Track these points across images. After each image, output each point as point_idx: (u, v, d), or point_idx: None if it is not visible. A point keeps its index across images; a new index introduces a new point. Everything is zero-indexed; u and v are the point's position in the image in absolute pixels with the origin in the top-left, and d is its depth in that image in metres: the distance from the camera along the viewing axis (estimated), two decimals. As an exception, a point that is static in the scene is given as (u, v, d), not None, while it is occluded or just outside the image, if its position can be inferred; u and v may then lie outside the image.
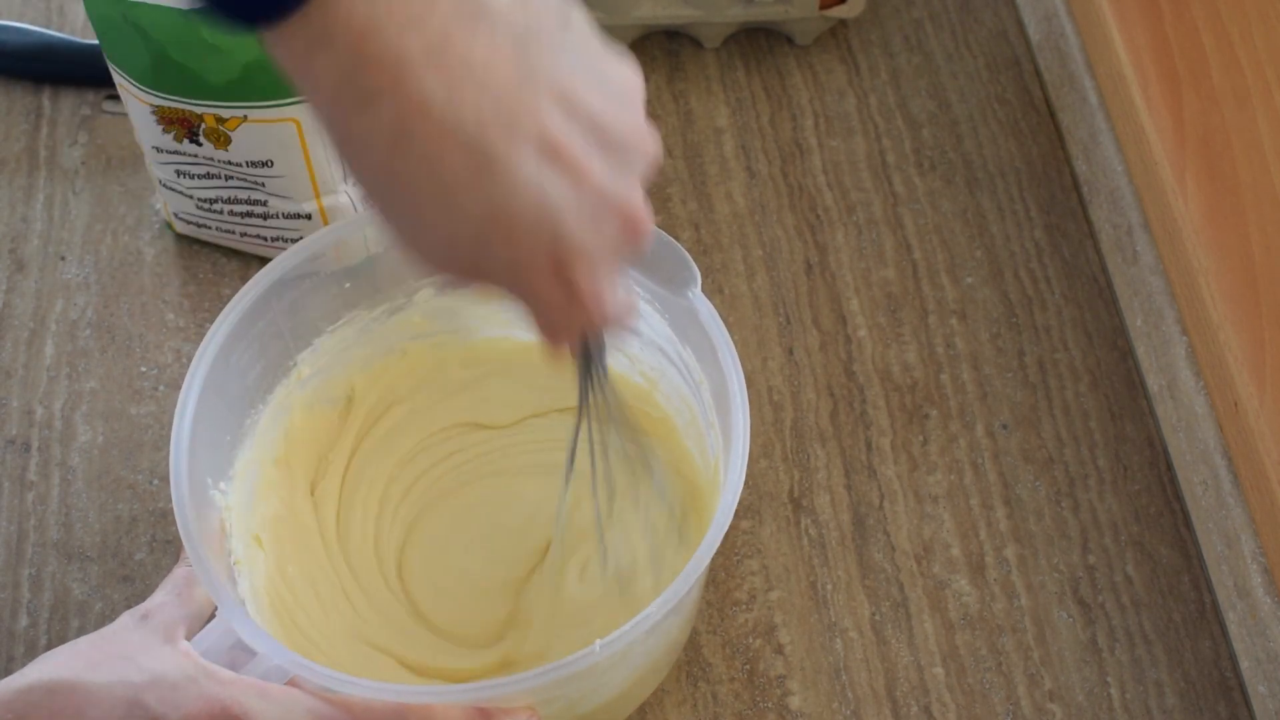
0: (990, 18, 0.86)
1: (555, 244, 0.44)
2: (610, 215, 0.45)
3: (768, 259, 0.77)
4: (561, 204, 0.44)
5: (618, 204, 0.45)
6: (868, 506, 0.70)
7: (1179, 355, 0.69)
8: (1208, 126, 0.70)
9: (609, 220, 0.45)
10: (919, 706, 0.65)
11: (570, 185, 0.44)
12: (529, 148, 0.43)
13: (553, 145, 0.43)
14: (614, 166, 0.45)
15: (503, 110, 0.42)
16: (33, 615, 0.67)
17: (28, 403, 0.73)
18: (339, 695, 0.54)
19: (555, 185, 0.44)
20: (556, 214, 0.44)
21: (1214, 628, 0.67)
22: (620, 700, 0.61)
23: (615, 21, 0.82)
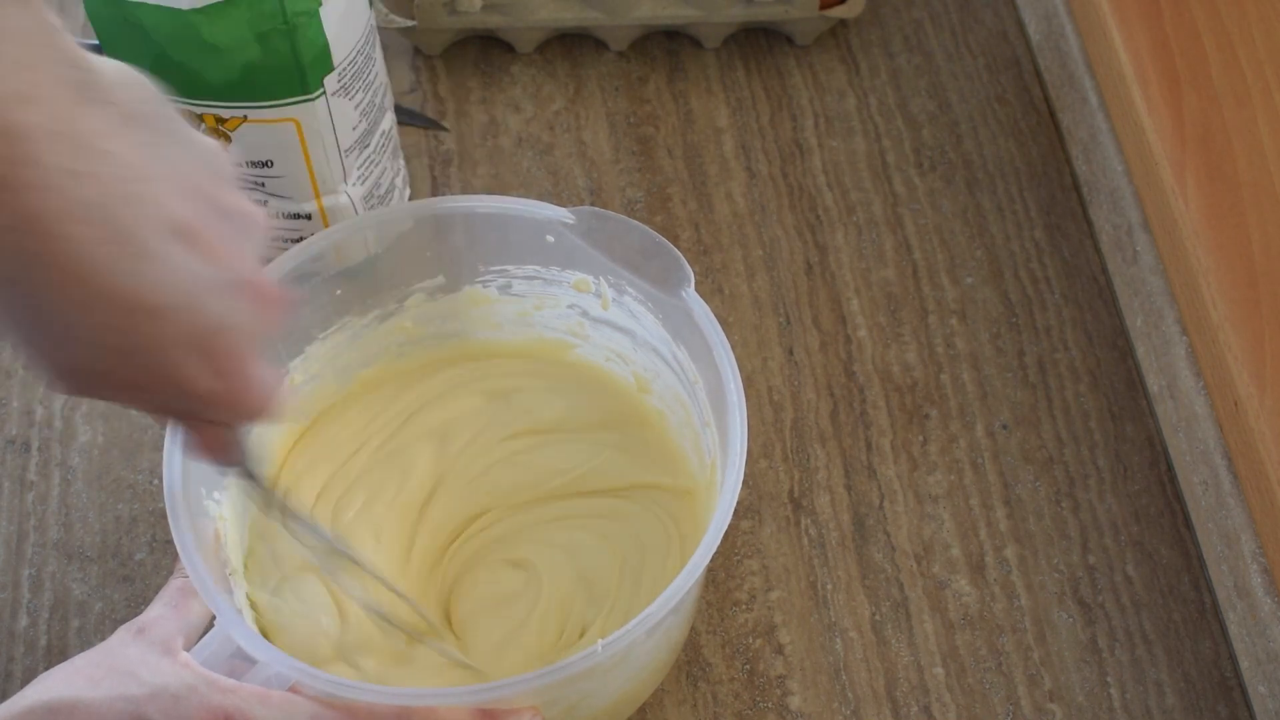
0: (990, 18, 0.86)
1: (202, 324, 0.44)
2: (245, 294, 0.45)
3: (768, 259, 0.77)
4: (202, 283, 0.43)
5: (249, 283, 0.45)
6: (868, 506, 0.70)
7: (1179, 355, 0.69)
8: (1208, 126, 0.70)
9: (245, 299, 0.45)
10: (919, 706, 0.65)
11: (207, 265, 0.43)
12: (161, 229, 0.42)
13: (182, 226, 0.42)
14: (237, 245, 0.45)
15: (130, 191, 0.41)
16: (33, 615, 0.67)
17: (28, 403, 0.73)
18: (341, 700, 0.54)
19: (192, 265, 0.43)
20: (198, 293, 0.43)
21: (1214, 628, 0.67)
22: (621, 701, 0.61)
23: (615, 21, 0.82)
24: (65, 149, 0.40)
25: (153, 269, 0.42)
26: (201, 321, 0.44)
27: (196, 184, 0.44)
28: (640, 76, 0.84)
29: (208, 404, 0.46)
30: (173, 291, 0.42)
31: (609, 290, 0.65)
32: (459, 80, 0.84)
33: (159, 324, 0.43)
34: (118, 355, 0.43)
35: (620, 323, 0.66)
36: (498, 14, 0.82)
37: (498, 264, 0.67)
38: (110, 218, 0.41)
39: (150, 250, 0.42)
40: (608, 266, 0.63)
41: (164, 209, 0.42)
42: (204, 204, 0.44)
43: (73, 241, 0.40)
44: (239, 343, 0.45)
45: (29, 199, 0.39)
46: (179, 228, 0.42)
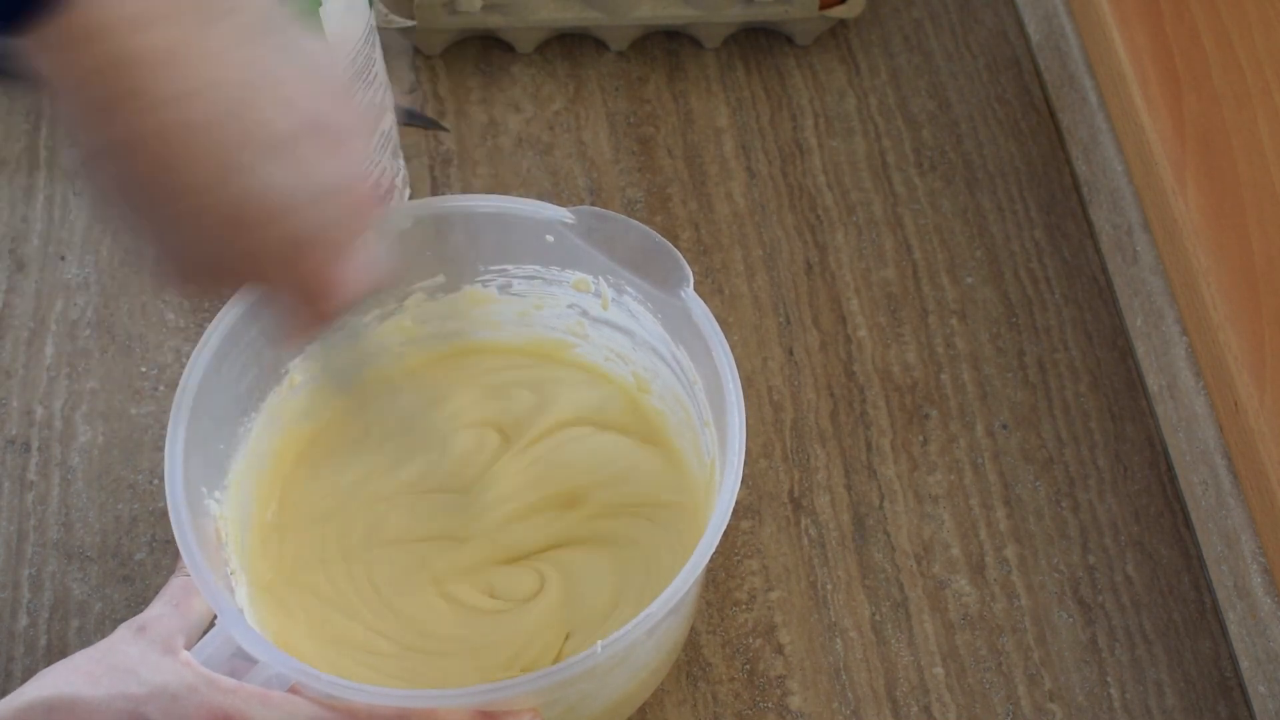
0: (990, 18, 0.86)
1: (292, 235, 0.47)
2: (339, 200, 0.48)
3: (768, 259, 0.77)
4: (293, 196, 0.46)
5: (345, 189, 0.48)
6: (868, 506, 0.70)
7: (1179, 355, 0.69)
8: (1208, 126, 0.70)
9: (338, 205, 0.48)
10: (919, 706, 0.65)
11: (299, 178, 0.46)
12: (261, 146, 0.45)
13: (278, 142, 0.45)
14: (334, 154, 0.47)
15: (235, 109, 0.44)
16: (33, 615, 0.67)
17: (28, 403, 0.73)
18: (341, 701, 0.54)
19: (284, 179, 0.46)
20: (289, 206, 0.46)
21: (1214, 628, 0.67)
22: (622, 701, 0.61)
23: (615, 21, 0.82)
24: (176, 73, 0.43)
25: (247, 185, 0.45)
26: (292, 233, 0.47)
27: (301, 96, 0.46)
28: (640, 76, 0.84)
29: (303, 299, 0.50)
30: (266, 206, 0.46)
31: (609, 290, 0.65)
32: (459, 80, 0.84)
33: (256, 235, 0.46)
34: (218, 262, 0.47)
35: (620, 322, 0.66)
36: (498, 14, 0.82)
37: (498, 263, 0.67)
38: (214, 136, 0.44)
39: (250, 165, 0.45)
40: (607, 266, 0.63)
41: (266, 125, 0.45)
42: (306, 115, 0.46)
43: (178, 160, 0.44)
44: (333, 246, 0.48)
45: (140, 121, 0.43)
46: (280, 141, 0.45)
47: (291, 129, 0.45)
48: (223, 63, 0.44)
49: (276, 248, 0.47)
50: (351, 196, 0.48)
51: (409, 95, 0.83)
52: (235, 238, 0.46)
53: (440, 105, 0.83)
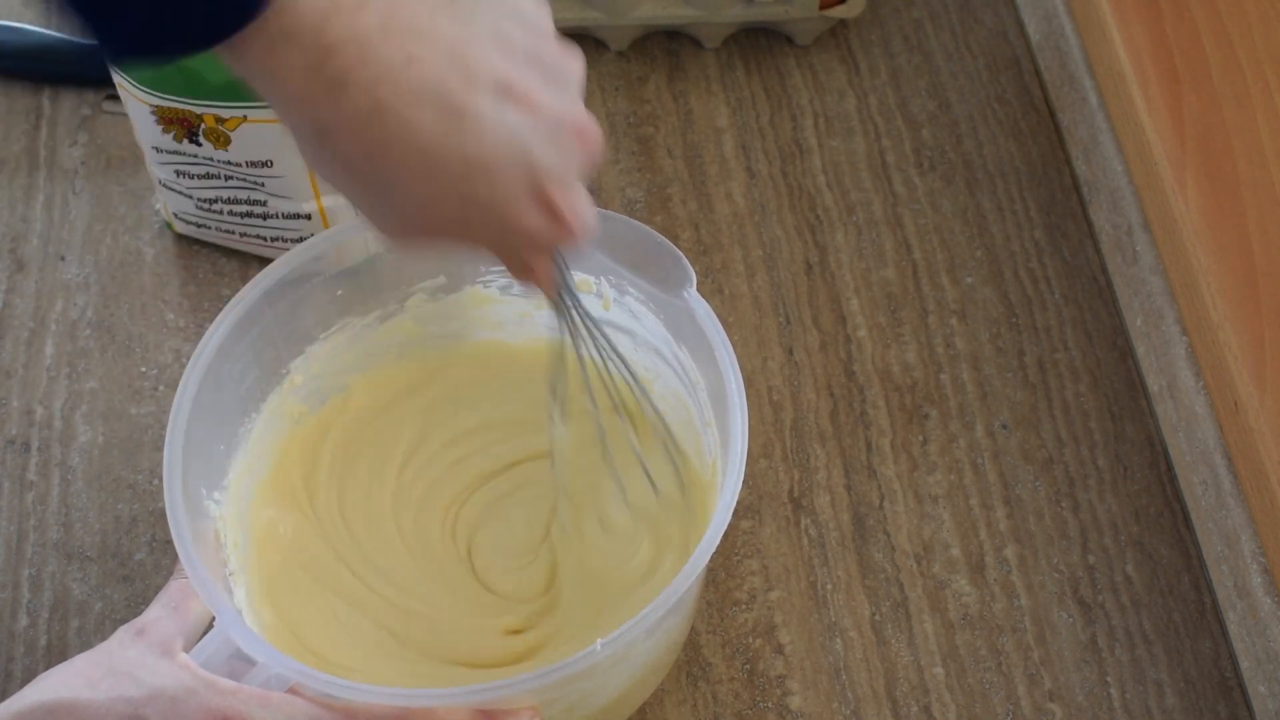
0: (990, 18, 0.86)
1: (531, 172, 0.48)
2: (567, 133, 0.49)
3: (768, 259, 0.77)
4: (527, 134, 0.47)
5: (570, 122, 0.49)
6: (868, 506, 0.70)
7: (1179, 355, 0.69)
8: (1208, 126, 0.70)
9: (567, 139, 0.49)
10: (919, 706, 0.65)
11: (529, 116, 0.47)
12: (486, 92, 0.46)
13: (505, 84, 0.47)
14: (556, 90, 0.48)
15: (455, 63, 0.46)
16: (33, 615, 0.67)
17: (28, 403, 0.73)
18: (340, 701, 0.54)
19: (517, 119, 0.47)
20: (525, 144, 0.47)
21: (1214, 628, 0.67)
22: (621, 701, 0.61)
23: (615, 21, 0.82)
24: (395, 42, 0.45)
25: (482, 131, 0.46)
26: (530, 170, 0.48)
27: (512, 41, 0.47)
28: (640, 76, 0.84)
29: (538, 238, 0.50)
30: (503, 148, 0.47)
31: (610, 290, 0.65)
32: (459, 80, 0.84)
33: (494, 178, 0.47)
34: (458, 210, 0.48)
35: (622, 323, 0.66)
36: (498, 14, 0.82)
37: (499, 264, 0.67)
38: (440, 93, 0.45)
39: (478, 114, 0.46)
40: (609, 267, 0.63)
41: (485, 72, 0.46)
42: (520, 58, 0.47)
43: (411, 122, 0.45)
44: (564, 181, 0.49)
45: (370, 93, 0.45)
46: (500, 86, 0.46)
47: (510, 68, 0.47)
48: (435, 26, 0.45)
49: (518, 187, 0.48)
50: (575, 129, 0.49)
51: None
52: (474, 185, 0.47)
53: (440, 105, 0.83)
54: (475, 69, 0.46)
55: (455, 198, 0.47)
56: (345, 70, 0.44)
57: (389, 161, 0.46)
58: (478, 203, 0.48)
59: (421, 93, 0.45)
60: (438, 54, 0.45)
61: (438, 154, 0.46)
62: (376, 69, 0.44)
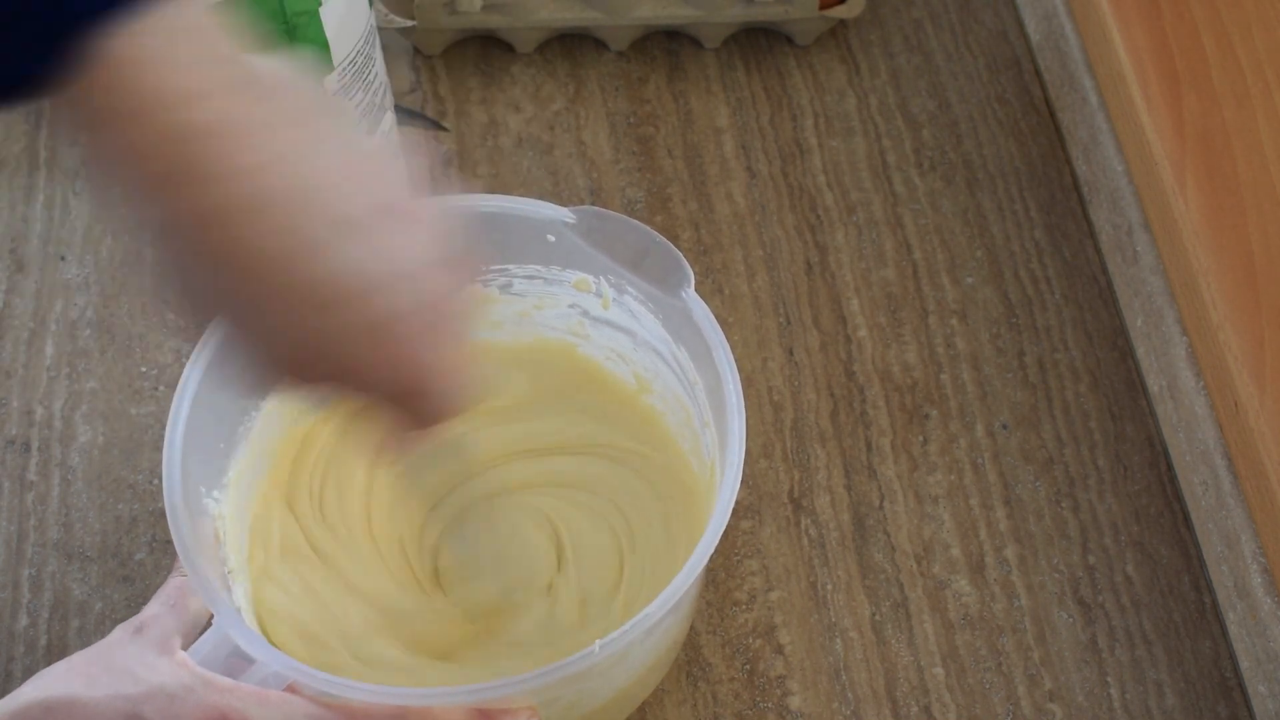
0: (990, 18, 0.86)
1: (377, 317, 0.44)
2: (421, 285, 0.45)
3: (768, 259, 0.77)
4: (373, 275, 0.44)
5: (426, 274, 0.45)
6: (868, 506, 0.70)
7: (1179, 355, 0.69)
8: (1208, 126, 0.70)
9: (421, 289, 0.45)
10: (919, 706, 0.65)
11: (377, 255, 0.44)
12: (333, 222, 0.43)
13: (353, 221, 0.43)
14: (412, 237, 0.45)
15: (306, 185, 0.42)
16: (33, 615, 0.67)
17: (28, 403, 0.73)
18: (338, 699, 0.54)
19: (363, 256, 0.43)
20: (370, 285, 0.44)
21: (1214, 628, 0.67)
22: (620, 700, 0.61)
23: (615, 21, 0.82)
24: (242, 145, 0.41)
25: (326, 260, 0.43)
26: (380, 311, 0.44)
27: (360, 179, 0.44)
28: (640, 76, 0.84)
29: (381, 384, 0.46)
30: (350, 282, 0.43)
31: (609, 290, 0.65)
32: (459, 80, 0.84)
33: (334, 315, 0.44)
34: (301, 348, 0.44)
35: (621, 322, 0.66)
36: (498, 14, 0.82)
37: (498, 263, 0.67)
38: (285, 211, 0.42)
39: (323, 242, 0.42)
40: (608, 266, 0.63)
41: (334, 203, 0.43)
42: (377, 195, 0.44)
43: (249, 235, 0.41)
44: (421, 333, 0.46)
45: (208, 194, 0.41)
46: (349, 221, 0.43)
47: (364, 207, 0.44)
48: (287, 138, 0.42)
49: (360, 332, 0.44)
50: (432, 282, 0.46)
51: (409, 95, 0.83)
52: (317, 319, 0.43)
53: (440, 105, 0.83)
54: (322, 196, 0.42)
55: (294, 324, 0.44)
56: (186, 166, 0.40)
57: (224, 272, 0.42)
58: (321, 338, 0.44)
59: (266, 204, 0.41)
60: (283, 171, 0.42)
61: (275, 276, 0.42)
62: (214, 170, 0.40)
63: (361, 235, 0.43)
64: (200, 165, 0.40)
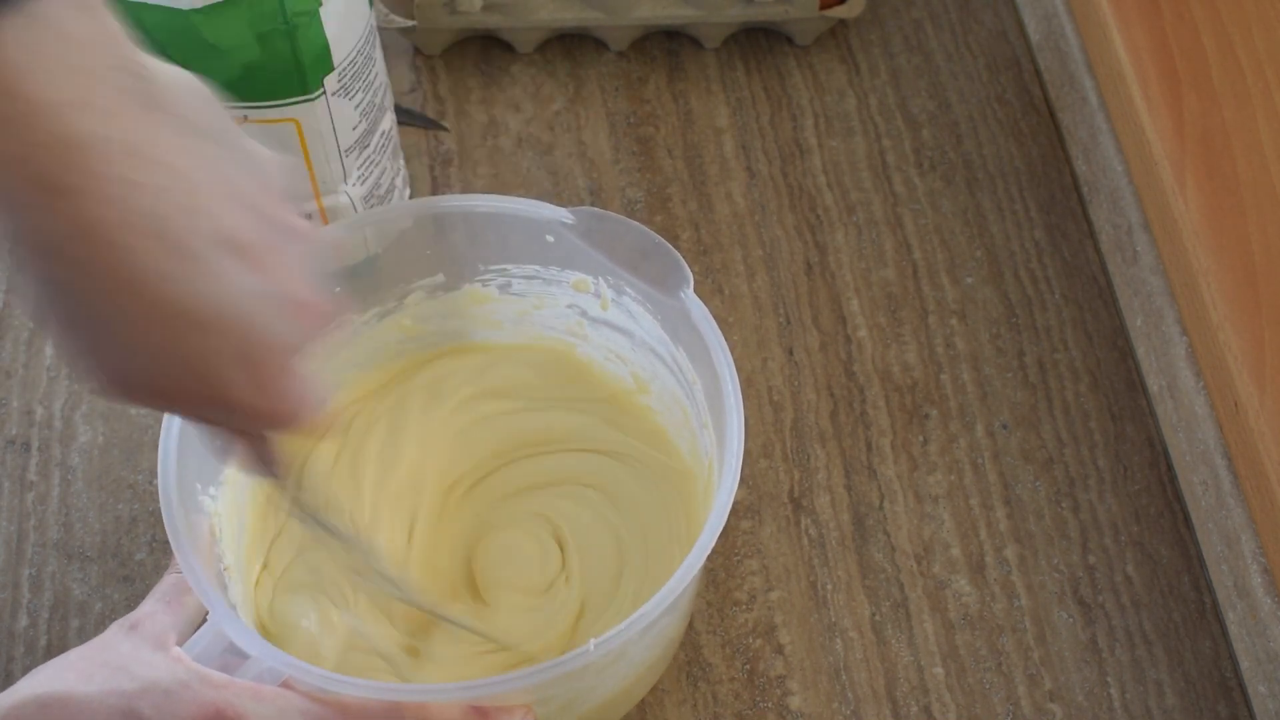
0: (990, 18, 0.86)
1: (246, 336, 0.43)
2: (293, 306, 0.45)
3: (768, 259, 0.77)
4: (250, 296, 0.43)
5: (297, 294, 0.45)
6: (868, 506, 0.70)
7: (1179, 355, 0.69)
8: (1208, 126, 0.70)
9: (292, 311, 0.45)
10: (919, 706, 0.65)
11: (257, 279, 0.43)
12: (213, 239, 0.42)
13: (234, 238, 0.42)
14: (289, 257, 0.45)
15: (184, 203, 0.41)
16: (33, 615, 0.67)
17: (28, 403, 0.73)
18: (333, 696, 0.54)
19: (242, 277, 0.43)
20: (246, 306, 0.43)
21: (1214, 628, 0.67)
22: (617, 699, 0.61)
23: (615, 21, 0.82)
24: (121, 157, 0.40)
25: (204, 281, 0.42)
26: (248, 335, 0.43)
27: (249, 196, 0.43)
28: (640, 76, 0.84)
29: (248, 416, 0.46)
30: (222, 304, 0.42)
31: (608, 290, 0.65)
32: (459, 80, 0.84)
33: (206, 336, 0.43)
34: (163, 365, 0.43)
35: (619, 323, 0.66)
36: (498, 14, 0.82)
37: (497, 263, 0.67)
38: (164, 228, 0.41)
39: (202, 261, 0.42)
40: (607, 267, 0.63)
41: (217, 220, 0.42)
42: (256, 217, 0.43)
43: (127, 251, 0.40)
44: (283, 357, 0.45)
45: (85, 207, 0.39)
46: (230, 240, 0.42)
47: (241, 227, 0.43)
48: (168, 155, 0.41)
49: (227, 353, 0.43)
50: (303, 303, 0.45)
51: (409, 95, 0.83)
52: (184, 340, 0.42)
53: (440, 105, 0.83)
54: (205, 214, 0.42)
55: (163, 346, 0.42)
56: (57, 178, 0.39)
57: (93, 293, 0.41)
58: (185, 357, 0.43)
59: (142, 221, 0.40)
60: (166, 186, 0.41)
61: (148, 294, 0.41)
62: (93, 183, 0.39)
63: (242, 255, 0.43)
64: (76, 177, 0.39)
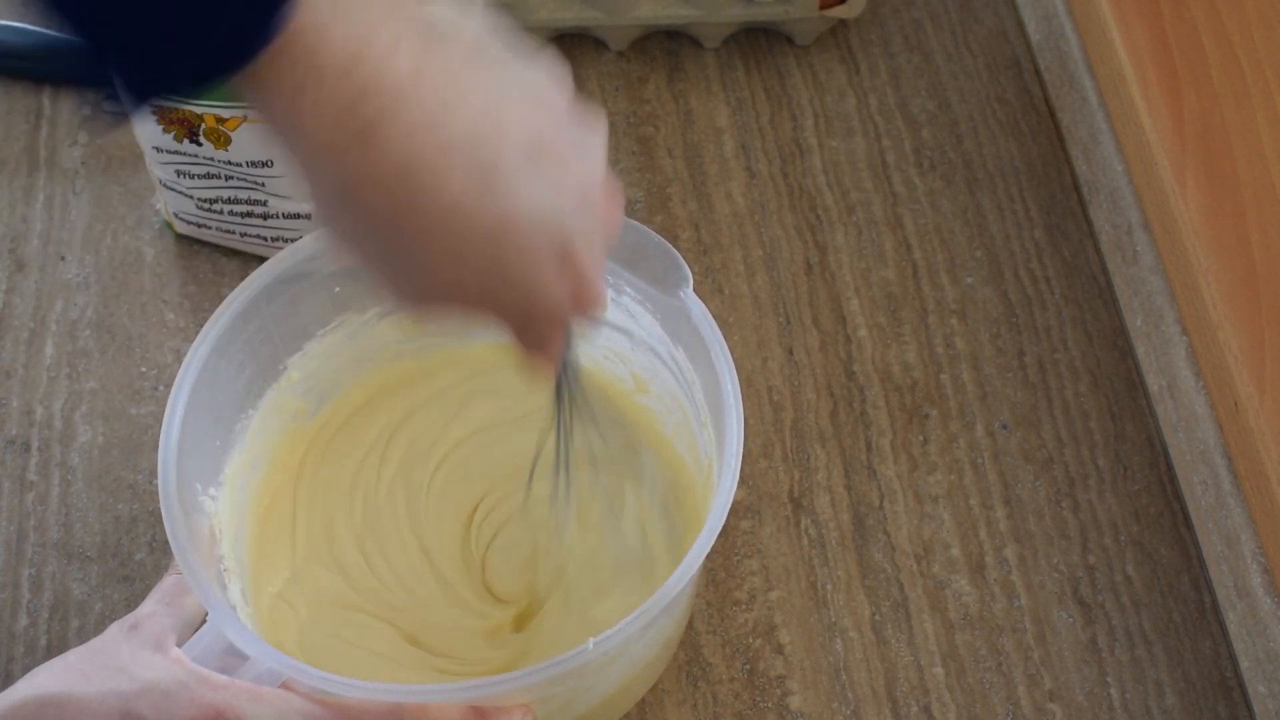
0: (990, 18, 0.86)
1: (562, 237, 0.46)
2: (595, 200, 0.48)
3: (768, 259, 0.77)
4: (559, 198, 0.46)
5: (599, 189, 0.48)
6: (868, 506, 0.70)
7: (1179, 355, 0.69)
8: (1208, 126, 0.70)
9: (595, 205, 0.48)
10: (919, 706, 0.65)
11: (560, 179, 0.46)
12: (518, 151, 0.45)
13: (537, 144, 0.45)
14: (584, 156, 0.47)
15: (488, 120, 0.44)
16: (33, 615, 0.67)
17: (28, 403, 0.73)
18: (333, 697, 0.53)
19: (549, 182, 0.46)
20: (558, 208, 0.46)
21: (1214, 628, 0.67)
22: (616, 698, 0.61)
23: (615, 21, 0.82)
24: (429, 92, 0.43)
25: (515, 191, 0.45)
26: (562, 235, 0.46)
27: (541, 104, 0.46)
28: (640, 76, 0.84)
29: (559, 308, 0.49)
30: (540, 209, 0.45)
31: (607, 290, 0.65)
32: (459, 80, 0.84)
33: (524, 239, 0.45)
34: (484, 276, 0.46)
35: (618, 322, 0.66)
36: (498, 14, 0.82)
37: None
38: (474, 150, 0.44)
39: (512, 174, 0.45)
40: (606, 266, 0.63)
41: (519, 132, 0.45)
42: (550, 122, 0.46)
43: (441, 180, 0.43)
44: (590, 245, 0.48)
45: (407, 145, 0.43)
46: (533, 147, 0.45)
47: (541, 140, 0.45)
48: (464, 82, 0.44)
49: (546, 253, 0.46)
50: (603, 199, 0.48)
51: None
52: (504, 250, 0.45)
53: (440, 105, 0.83)
54: (508, 128, 0.44)
55: (483, 261, 0.45)
56: (376, 120, 0.42)
57: (416, 221, 0.44)
58: (505, 266, 0.46)
59: (455, 148, 0.43)
60: (470, 110, 0.44)
61: (469, 214, 0.44)
62: (410, 120, 0.42)
63: (540, 165, 0.45)
64: (396, 118, 0.42)
